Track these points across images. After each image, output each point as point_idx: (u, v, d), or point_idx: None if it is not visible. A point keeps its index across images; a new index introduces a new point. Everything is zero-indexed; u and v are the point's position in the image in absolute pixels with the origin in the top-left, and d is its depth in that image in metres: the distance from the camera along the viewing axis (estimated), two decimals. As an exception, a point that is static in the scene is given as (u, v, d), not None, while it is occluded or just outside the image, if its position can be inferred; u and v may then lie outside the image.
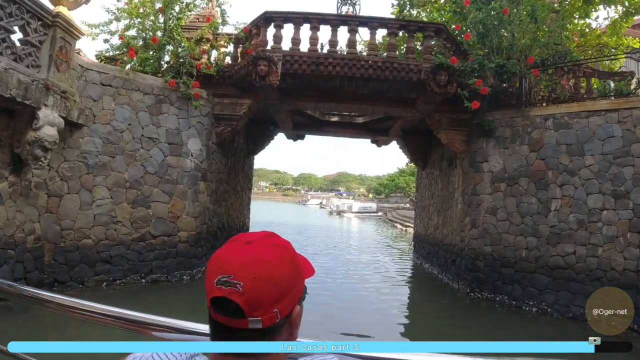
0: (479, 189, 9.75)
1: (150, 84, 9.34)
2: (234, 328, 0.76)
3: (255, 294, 0.74)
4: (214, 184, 10.73)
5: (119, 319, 1.30)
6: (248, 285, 0.74)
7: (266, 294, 0.75)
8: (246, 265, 0.76)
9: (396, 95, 9.97)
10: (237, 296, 0.74)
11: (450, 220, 11.43)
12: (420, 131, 13.61)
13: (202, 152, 9.85)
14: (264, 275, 0.76)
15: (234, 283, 0.74)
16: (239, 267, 0.76)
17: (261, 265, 0.77)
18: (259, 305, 0.75)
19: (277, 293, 0.77)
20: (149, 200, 9.14)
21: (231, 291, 0.74)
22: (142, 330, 1.25)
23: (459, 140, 10.39)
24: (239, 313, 0.74)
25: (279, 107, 10.89)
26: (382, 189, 70.38)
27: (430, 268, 12.97)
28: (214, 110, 10.41)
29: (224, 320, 0.76)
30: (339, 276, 12.08)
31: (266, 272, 0.76)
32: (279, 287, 0.77)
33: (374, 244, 22.28)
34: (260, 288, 0.75)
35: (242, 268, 0.76)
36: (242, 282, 0.74)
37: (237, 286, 0.74)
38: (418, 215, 15.49)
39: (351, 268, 13.77)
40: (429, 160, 14.05)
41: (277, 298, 0.77)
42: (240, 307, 0.74)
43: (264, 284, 0.75)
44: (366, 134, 14.40)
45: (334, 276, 11.90)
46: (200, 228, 9.91)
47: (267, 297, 0.75)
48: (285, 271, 0.79)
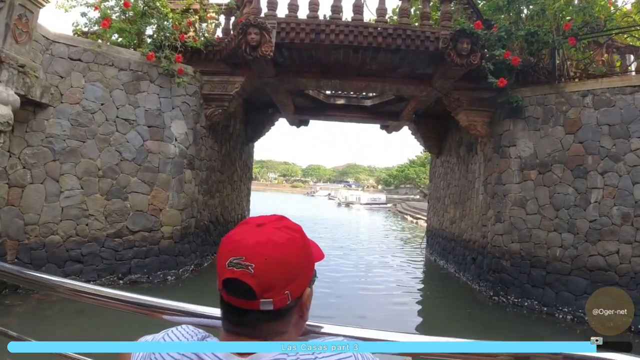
0: (505, 177, 8.46)
1: (127, 59, 8.16)
2: (245, 309, 0.76)
3: (266, 275, 0.74)
4: (203, 173, 9.57)
5: (129, 303, 1.30)
6: (260, 266, 0.74)
7: (278, 276, 0.75)
8: (258, 247, 0.76)
9: (409, 71, 8.68)
10: (249, 278, 0.74)
11: (469, 213, 10.15)
12: (434, 114, 12.30)
13: (187, 136, 8.67)
14: (275, 256, 0.76)
15: (245, 265, 0.74)
16: (251, 249, 0.76)
17: (273, 247, 0.76)
18: (270, 287, 0.75)
19: (289, 275, 0.77)
20: (125, 190, 8.00)
21: (243, 273, 0.74)
22: (152, 314, 1.25)
23: (481, 122, 9.08)
24: (250, 294, 0.75)
25: (277, 86, 9.66)
26: (392, 180, 69.07)
27: (445, 265, 11.73)
28: (203, 89, 9.22)
29: (235, 301, 0.77)
30: (347, 277, 10.91)
31: (278, 253, 0.76)
32: (290, 269, 0.77)
33: (383, 237, 21.06)
34: (272, 270, 0.75)
35: (253, 250, 0.75)
36: (254, 264, 0.74)
37: (248, 268, 0.74)
38: (432, 207, 14.19)
39: (360, 266, 12.58)
40: (445, 147, 12.73)
41: (288, 280, 0.77)
42: (252, 289, 0.74)
43: (275, 265, 0.75)
44: (375, 119, 13.12)
45: (342, 276, 10.74)
46: (187, 222, 8.77)
47: (279, 278, 0.76)
48: (297, 253, 0.79)
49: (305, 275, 0.81)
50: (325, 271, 10.60)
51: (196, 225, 9.30)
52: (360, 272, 11.64)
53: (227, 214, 11.76)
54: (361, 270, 11.84)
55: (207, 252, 10.10)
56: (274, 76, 8.92)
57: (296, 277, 0.79)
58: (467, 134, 10.64)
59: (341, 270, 11.29)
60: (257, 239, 0.77)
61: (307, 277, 0.82)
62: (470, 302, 8.96)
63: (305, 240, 0.84)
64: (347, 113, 12.75)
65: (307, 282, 0.82)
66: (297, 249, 0.80)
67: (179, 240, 8.59)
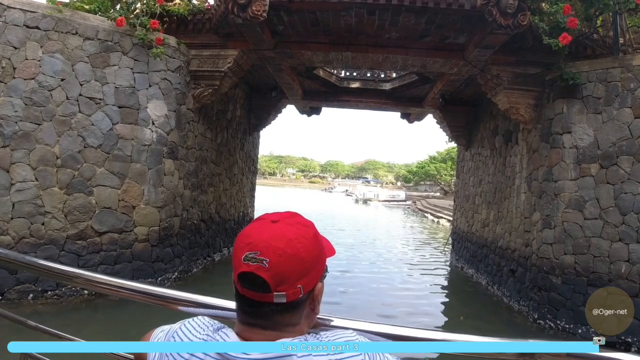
0: (557, 172, 6.78)
1: (94, 26, 6.78)
2: (259, 302, 0.79)
3: (280, 269, 0.77)
4: (191, 164, 8.15)
5: (146, 294, 1.32)
6: (274, 261, 0.77)
7: (291, 270, 0.78)
8: (272, 242, 0.78)
9: (438, 40, 7.07)
10: (263, 272, 0.76)
11: (507, 215, 8.48)
12: (463, 100, 10.63)
13: (168, 119, 7.26)
14: (288, 251, 0.78)
15: (260, 259, 0.77)
16: (265, 244, 0.78)
17: (286, 242, 0.79)
18: (283, 281, 0.77)
19: (301, 269, 0.79)
20: (90, 183, 6.64)
21: (258, 267, 0.77)
22: (169, 305, 1.27)
23: (525, 105, 7.41)
24: (265, 288, 0.77)
25: (278, 61, 8.16)
26: (411, 177, 66.97)
27: (475, 276, 10.07)
28: (190, 66, 7.81)
29: (250, 294, 0.79)
30: (362, 287, 9.41)
31: (291, 249, 0.78)
32: (303, 264, 0.79)
33: (402, 240, 19.40)
34: (285, 264, 0.77)
35: (268, 245, 0.78)
36: (268, 259, 0.77)
37: (263, 262, 0.77)
38: (458, 206, 12.49)
39: (378, 273, 11.05)
40: (475, 138, 11.02)
41: (301, 274, 0.79)
42: (266, 282, 0.76)
43: (288, 260, 0.78)
44: (395, 105, 11.50)
45: (357, 287, 9.25)
46: (167, 222, 7.37)
47: (292, 272, 0.78)
48: (309, 248, 0.81)
49: (317, 270, 0.84)
50: (340, 283, 9.14)
51: (181, 225, 7.90)
52: (378, 283, 10.09)
53: (224, 211, 10.34)
54: (380, 281, 10.28)
55: (196, 256, 8.71)
56: (273, 48, 7.42)
57: (308, 272, 0.81)
58: (504, 120, 8.96)
59: (356, 284, 9.78)
60: (271, 235, 0.79)
61: (319, 272, 0.85)
62: (507, 324, 7.34)
63: (317, 236, 0.86)
64: (362, 98, 11.18)
65: (318, 277, 0.84)
66: (310, 245, 0.82)
67: (157, 244, 7.20)
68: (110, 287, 1.40)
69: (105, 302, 6.75)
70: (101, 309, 6.56)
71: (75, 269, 1.51)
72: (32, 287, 6.34)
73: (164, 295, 1.30)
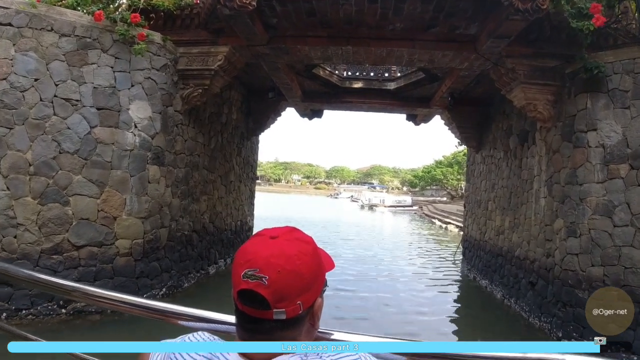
0: (582, 174, 6.10)
1: (71, 22, 6.23)
2: (259, 318, 0.78)
3: (280, 286, 0.76)
4: (180, 170, 7.55)
5: (146, 308, 1.32)
6: (273, 278, 0.76)
7: (290, 287, 0.77)
8: (271, 259, 0.78)
9: (447, 30, 6.44)
10: (263, 289, 0.76)
11: (524, 222, 7.78)
12: (473, 99, 9.98)
13: (153, 122, 6.68)
14: (288, 268, 0.78)
15: (260, 276, 0.76)
16: (265, 261, 0.78)
17: (285, 259, 0.78)
18: (283, 297, 0.77)
19: (301, 285, 0.79)
20: (66, 193, 6.06)
21: (257, 284, 0.76)
22: (169, 319, 1.27)
23: (544, 101, 6.76)
24: (264, 305, 0.77)
25: (273, 58, 7.57)
26: (417, 182, 66.20)
27: (489, 287, 9.35)
28: (179, 64, 7.25)
29: (250, 311, 0.79)
30: (366, 304, 8.76)
31: (290, 265, 0.78)
32: (302, 280, 0.79)
33: (410, 248, 18.69)
34: (285, 281, 0.77)
35: (267, 262, 0.77)
36: (267, 276, 0.76)
37: (262, 279, 0.76)
38: (469, 212, 11.76)
39: (385, 286, 10.39)
40: (487, 139, 10.33)
41: (300, 290, 0.79)
42: (265, 299, 0.76)
43: (288, 276, 0.77)
44: (400, 106, 10.86)
45: (358, 306, 8.60)
46: (153, 234, 6.77)
47: (291, 289, 0.78)
48: (308, 265, 0.81)
49: (316, 285, 0.83)
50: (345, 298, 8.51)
51: (170, 237, 7.29)
52: (385, 297, 9.42)
53: (219, 220, 9.72)
54: (387, 294, 9.60)
55: (188, 270, 8.08)
56: (266, 43, 6.83)
57: (308, 288, 0.80)
58: (519, 119, 8.30)
59: (363, 298, 9.12)
60: (270, 252, 0.79)
61: (319, 288, 0.84)
62: (526, 340, 6.64)
63: (317, 251, 0.85)
64: (366, 99, 10.56)
65: (318, 292, 0.84)
66: (309, 261, 0.81)
67: (142, 258, 6.59)
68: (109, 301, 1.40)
69: (84, 322, 6.16)
70: (80, 330, 5.95)
71: (73, 283, 1.53)
72: (5, 305, 5.78)
73: (164, 309, 1.29)
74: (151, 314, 1.29)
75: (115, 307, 1.38)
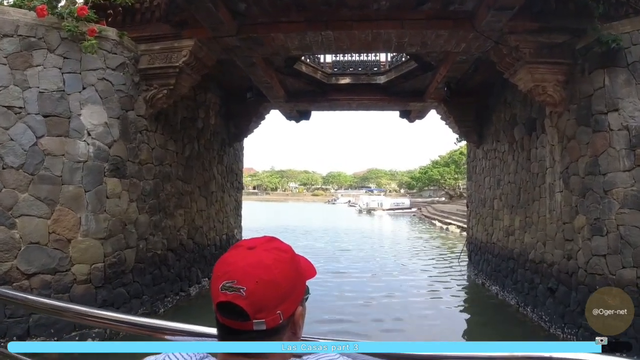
0: (605, 162, 5.30)
1: (14, 21, 5.44)
2: (240, 330, 0.77)
3: (258, 297, 0.75)
4: (147, 182, 6.71)
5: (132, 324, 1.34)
6: (251, 289, 0.75)
7: (269, 297, 0.76)
8: (248, 270, 0.76)
9: (440, 6, 5.66)
10: (241, 300, 0.75)
11: (538, 221, 6.95)
12: (471, 89, 9.22)
13: (110, 128, 5.84)
14: (265, 278, 0.76)
15: (237, 288, 0.75)
16: (242, 272, 0.76)
17: (263, 269, 0.77)
18: (262, 308, 0.75)
19: (279, 295, 0.77)
20: (11, 214, 5.22)
21: (235, 296, 0.75)
22: (155, 335, 1.26)
23: (554, 82, 5.97)
24: (243, 316, 0.75)
25: (246, 52, 6.77)
26: (414, 183, 65.44)
27: (501, 295, 8.49)
28: (140, 63, 6.44)
29: (229, 323, 0.77)
30: (368, 316, 7.92)
31: (268, 275, 0.76)
32: (280, 290, 0.77)
33: (412, 253, 17.83)
34: (263, 291, 0.75)
35: (244, 272, 0.76)
36: (245, 287, 0.75)
37: (240, 290, 0.75)
38: (473, 212, 10.92)
39: (389, 296, 9.54)
40: (488, 132, 9.53)
41: (279, 300, 0.77)
42: (244, 310, 0.75)
43: (266, 287, 0.76)
44: (392, 102, 10.06)
45: (358, 318, 7.77)
46: (116, 256, 5.91)
47: (270, 299, 0.76)
48: (286, 274, 0.79)
49: (296, 294, 0.81)
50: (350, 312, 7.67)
51: (138, 259, 6.44)
52: (389, 306, 8.58)
53: (200, 236, 8.84)
54: (394, 307, 8.75)
55: (164, 293, 7.21)
56: (236, 33, 6.04)
57: (287, 297, 0.79)
58: (523, 107, 7.52)
59: (364, 312, 8.27)
60: (247, 262, 0.77)
61: (298, 297, 0.83)
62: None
63: (295, 259, 0.84)
64: (354, 96, 9.77)
65: (298, 301, 0.82)
66: (287, 270, 0.80)
67: (104, 284, 5.72)
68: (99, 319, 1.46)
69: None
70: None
71: (65, 303, 1.59)
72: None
73: (151, 325, 1.30)
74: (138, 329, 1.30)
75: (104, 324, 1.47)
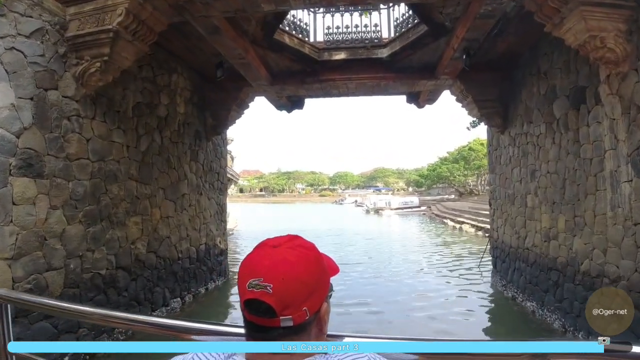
0: None
1: None
2: (267, 327, 0.78)
3: (284, 294, 0.77)
4: (80, 183, 5.15)
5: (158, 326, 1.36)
6: (277, 286, 0.77)
7: (295, 293, 0.78)
8: (274, 267, 0.78)
9: None
10: (268, 297, 0.76)
11: (593, 221, 5.29)
12: (493, 63, 7.59)
13: (17, 111, 4.32)
14: (291, 275, 0.78)
15: (264, 285, 0.77)
16: (268, 270, 0.78)
17: (288, 266, 0.79)
18: (288, 304, 0.77)
19: (305, 291, 0.79)
20: None
21: (262, 293, 0.77)
22: (181, 336, 1.28)
23: (614, 32, 4.35)
24: (270, 313, 0.77)
25: (201, 8, 5.22)
26: (423, 181, 63.56)
27: (539, 312, 6.82)
28: (69, 30, 4.93)
29: (257, 320, 0.79)
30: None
31: (293, 272, 0.78)
32: (306, 286, 0.79)
33: (426, 260, 16.19)
34: (289, 288, 0.77)
35: (270, 270, 0.78)
36: (272, 284, 0.76)
37: (267, 288, 0.76)
38: (498, 211, 9.21)
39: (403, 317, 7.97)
40: (515, 113, 7.87)
41: (305, 296, 0.79)
42: (271, 307, 0.76)
43: (292, 283, 0.77)
44: (397, 80, 8.41)
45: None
46: (31, 281, 4.38)
47: (296, 296, 0.78)
48: (311, 270, 0.81)
49: (321, 290, 0.83)
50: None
51: (69, 282, 4.90)
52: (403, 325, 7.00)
53: (165, 248, 7.25)
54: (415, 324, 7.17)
55: (114, 324, 5.67)
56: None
57: (313, 294, 0.80)
58: (566, 74, 5.88)
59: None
60: (273, 260, 0.79)
61: (324, 293, 0.84)
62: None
63: (319, 256, 0.86)
64: (352, 74, 8.16)
65: (323, 297, 0.84)
66: (312, 267, 0.82)
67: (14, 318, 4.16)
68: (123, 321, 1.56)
69: None
70: None
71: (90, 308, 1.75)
72: None
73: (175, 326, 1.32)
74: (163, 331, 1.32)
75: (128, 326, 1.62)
